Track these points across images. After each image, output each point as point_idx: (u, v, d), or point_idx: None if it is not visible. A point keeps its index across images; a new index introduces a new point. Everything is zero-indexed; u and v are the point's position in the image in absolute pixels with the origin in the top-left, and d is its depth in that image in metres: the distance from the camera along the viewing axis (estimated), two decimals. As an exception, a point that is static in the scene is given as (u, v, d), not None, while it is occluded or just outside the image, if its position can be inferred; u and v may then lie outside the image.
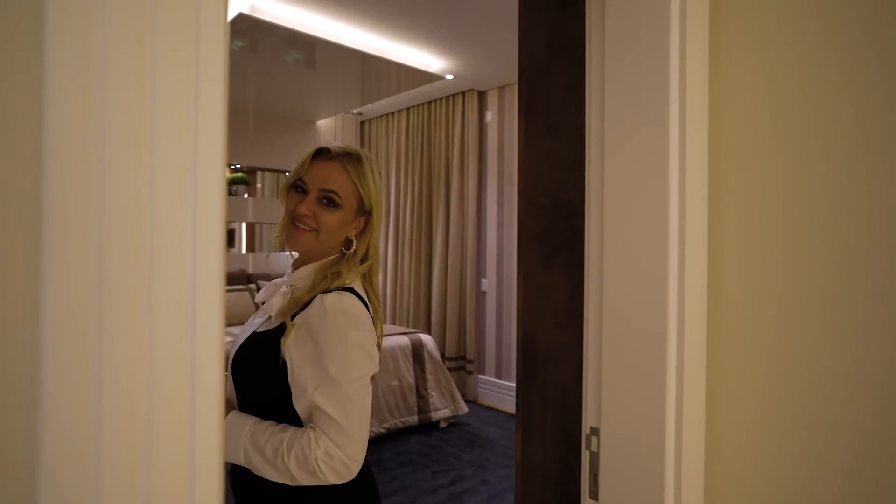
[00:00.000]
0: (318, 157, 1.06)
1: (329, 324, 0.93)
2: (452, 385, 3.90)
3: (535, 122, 1.12)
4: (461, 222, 4.56)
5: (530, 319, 1.15)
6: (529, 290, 1.16)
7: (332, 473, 0.90)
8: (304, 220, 1.01)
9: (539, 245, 1.13)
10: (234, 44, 3.53)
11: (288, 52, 3.65)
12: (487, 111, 4.43)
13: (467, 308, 4.48)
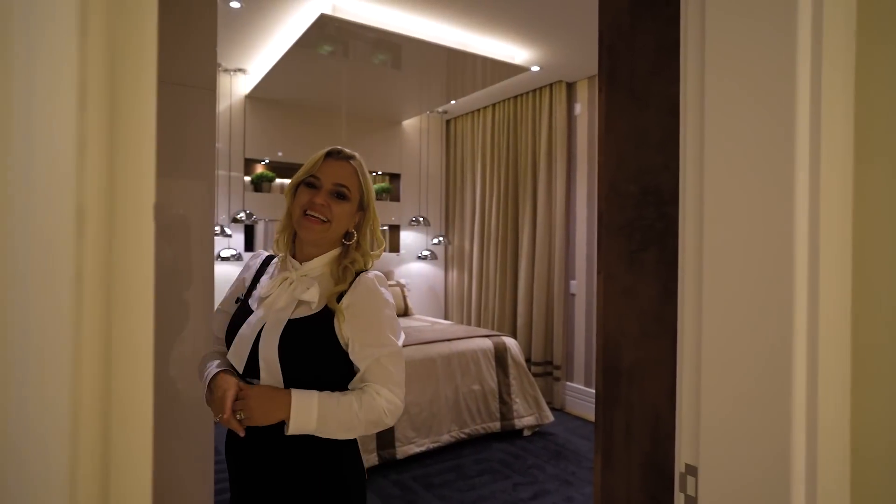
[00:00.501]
0: (330, 157, 1.18)
1: (378, 298, 1.12)
2: (537, 392, 3.71)
3: (618, 93, 0.95)
4: (548, 221, 4.35)
5: (612, 326, 0.99)
6: (612, 292, 1.00)
7: (392, 418, 1.12)
8: (319, 209, 1.10)
9: (623, 239, 0.96)
10: (322, 49, 3.61)
11: (374, 54, 3.67)
12: (576, 103, 4.19)
13: (555, 311, 4.27)
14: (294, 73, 3.86)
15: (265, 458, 1.07)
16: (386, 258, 5.26)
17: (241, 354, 1.07)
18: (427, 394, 3.25)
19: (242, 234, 4.46)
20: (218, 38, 3.47)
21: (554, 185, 4.32)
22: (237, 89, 4.34)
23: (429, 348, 3.39)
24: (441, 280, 5.62)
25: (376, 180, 5.48)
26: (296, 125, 4.68)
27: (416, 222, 5.05)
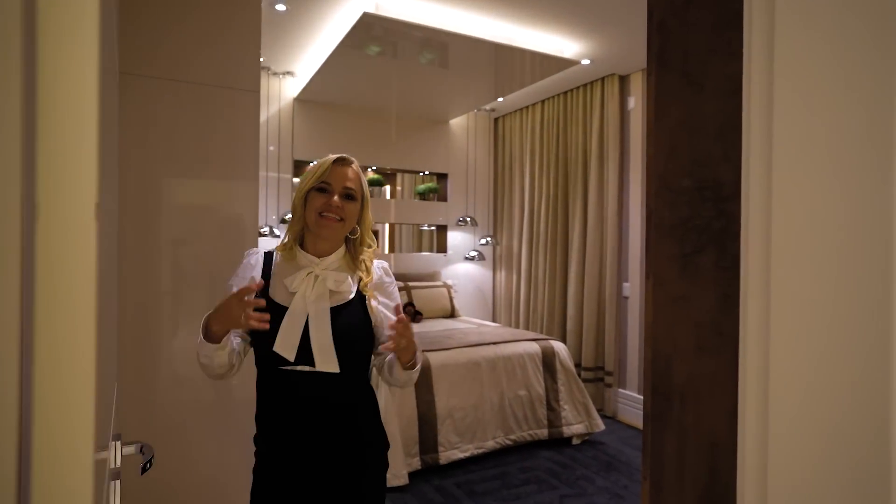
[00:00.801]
0: (337, 163, 1.29)
1: (392, 282, 1.36)
2: (587, 398, 3.56)
3: (669, 74, 0.84)
4: (600, 221, 4.18)
5: (662, 338, 0.88)
6: (661, 300, 0.89)
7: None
8: (335, 210, 1.24)
9: (674, 241, 0.85)
10: (369, 49, 3.61)
11: (421, 53, 3.63)
12: (630, 97, 4.00)
13: (606, 314, 4.09)
14: (340, 74, 3.88)
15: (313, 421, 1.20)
16: (432, 259, 5.22)
17: (291, 343, 1.17)
18: (471, 398, 3.17)
19: (292, 235, 4.54)
20: (265, 41, 3.53)
21: (606, 183, 4.14)
22: (286, 92, 4.41)
23: (473, 351, 3.31)
24: (489, 281, 5.52)
25: (423, 180, 5.46)
26: (343, 126, 4.72)
27: (464, 222, 4.98)
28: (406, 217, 5.13)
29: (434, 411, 3.03)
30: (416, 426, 2.96)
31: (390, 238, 5.59)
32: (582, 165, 4.34)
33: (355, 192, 1.27)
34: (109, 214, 0.78)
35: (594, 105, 4.19)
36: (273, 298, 1.22)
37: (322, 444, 1.20)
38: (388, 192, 5.45)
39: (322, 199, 1.24)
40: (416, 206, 5.16)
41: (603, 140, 4.16)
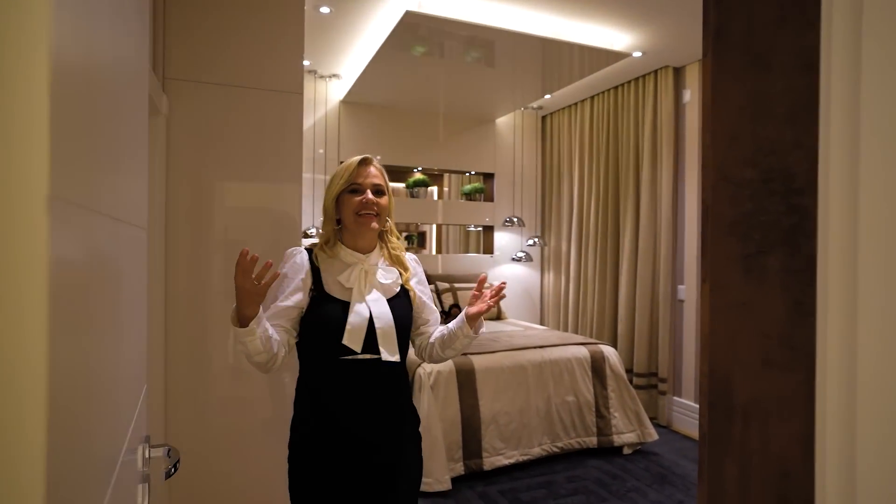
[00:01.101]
0: (361, 164, 1.37)
1: (422, 270, 1.51)
2: (639, 406, 3.40)
3: (729, 52, 0.75)
4: (653, 220, 3.99)
5: (722, 350, 0.78)
6: (721, 306, 0.79)
7: None
8: (370, 207, 1.33)
9: (736, 239, 0.75)
10: (414, 50, 3.59)
11: (466, 51, 3.58)
12: (686, 89, 3.80)
13: (660, 318, 3.90)
14: (385, 75, 3.88)
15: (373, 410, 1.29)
16: (479, 260, 5.16)
17: (359, 335, 1.26)
18: (517, 403, 3.08)
19: (338, 236, 4.58)
20: (311, 45, 3.56)
21: (659, 181, 3.95)
22: (332, 95, 4.46)
23: (519, 355, 3.22)
24: (536, 283, 5.40)
25: (470, 180, 5.40)
26: (389, 128, 4.72)
27: (511, 223, 4.88)
28: (452, 218, 5.09)
29: (478, 416, 2.96)
30: (459, 430, 2.90)
31: (437, 239, 5.56)
32: (634, 163, 4.16)
33: (383, 187, 1.38)
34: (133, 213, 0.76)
35: (647, 99, 4.01)
36: (329, 293, 1.31)
37: (373, 424, 1.29)
38: (434, 193, 5.43)
39: (356, 199, 1.33)
40: (462, 207, 5.11)
41: (656, 136, 3.97)
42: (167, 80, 2.33)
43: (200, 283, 2.39)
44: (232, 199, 2.47)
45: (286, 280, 1.31)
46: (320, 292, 1.30)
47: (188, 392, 2.45)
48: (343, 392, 1.27)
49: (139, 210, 0.88)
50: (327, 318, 1.27)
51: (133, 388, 0.80)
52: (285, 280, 1.31)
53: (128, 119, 0.78)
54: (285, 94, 2.55)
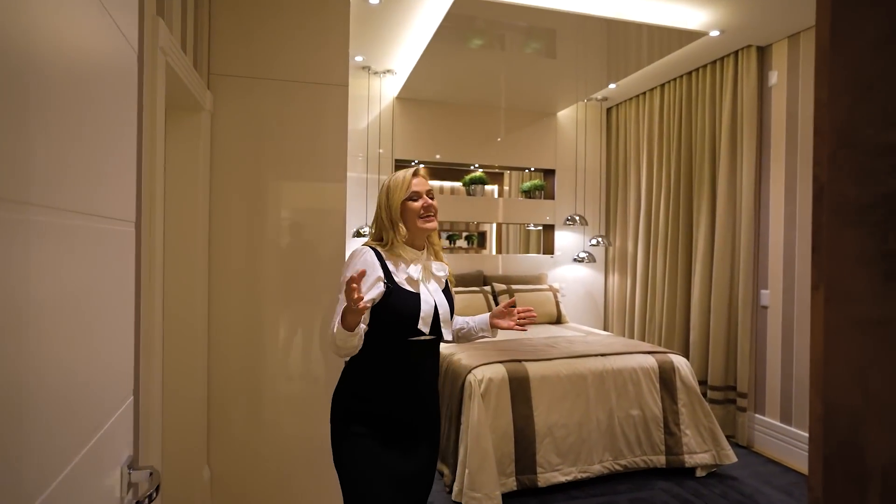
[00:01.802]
0: (415, 176, 1.58)
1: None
2: (714, 423, 3.06)
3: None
4: (732, 218, 3.61)
5: (843, 386, 0.56)
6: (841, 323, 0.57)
7: None
8: (430, 209, 1.57)
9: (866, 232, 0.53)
10: (472, 43, 3.44)
11: (526, 42, 3.39)
12: (772, 71, 3.40)
13: (739, 326, 3.52)
14: (439, 68, 3.75)
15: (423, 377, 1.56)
16: (538, 260, 4.92)
17: (429, 320, 1.51)
18: (575, 415, 2.85)
19: (392, 235, 4.50)
20: (362, 37, 3.48)
21: (739, 175, 3.57)
22: (387, 91, 4.38)
23: (578, 363, 2.98)
24: (600, 285, 5.09)
25: (530, 177, 5.17)
26: (444, 124, 4.59)
27: (572, 221, 4.62)
28: (512, 217, 4.88)
29: (532, 427, 2.75)
30: (511, 443, 2.71)
31: (497, 239, 5.37)
32: (709, 155, 3.79)
33: (433, 192, 1.61)
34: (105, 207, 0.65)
35: (725, 84, 3.63)
36: (401, 286, 1.51)
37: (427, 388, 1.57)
38: (495, 191, 5.25)
39: (417, 205, 1.55)
40: (521, 205, 4.89)
41: (736, 124, 3.59)
42: (212, 76, 2.30)
43: (248, 288, 2.35)
44: (278, 197, 2.41)
45: (366, 276, 1.44)
46: (394, 285, 1.50)
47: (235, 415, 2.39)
48: (409, 365, 1.52)
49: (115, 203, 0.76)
50: (405, 306, 1.49)
51: (99, 399, 0.69)
52: (365, 275, 1.42)
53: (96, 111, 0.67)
54: (331, 86, 2.46)
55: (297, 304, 2.44)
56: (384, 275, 1.49)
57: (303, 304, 2.44)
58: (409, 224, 1.55)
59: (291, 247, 2.44)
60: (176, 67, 1.69)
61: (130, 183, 0.84)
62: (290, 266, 2.42)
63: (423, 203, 1.54)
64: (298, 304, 2.44)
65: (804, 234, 3.18)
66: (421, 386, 1.55)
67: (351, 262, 1.50)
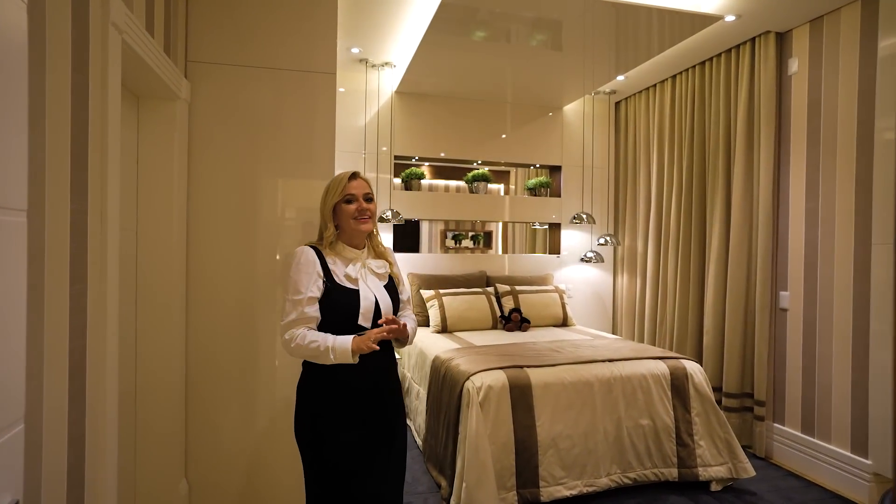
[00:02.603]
0: (353, 178, 1.66)
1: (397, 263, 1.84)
2: (731, 434, 2.87)
3: None
4: (748, 216, 3.42)
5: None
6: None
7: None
8: (366, 212, 1.65)
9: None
10: (474, 35, 3.28)
11: (531, 34, 3.22)
12: (792, 58, 3.20)
13: (756, 329, 3.32)
14: (439, 60, 3.58)
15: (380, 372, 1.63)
16: (544, 260, 4.74)
17: (369, 314, 1.59)
18: (581, 425, 2.67)
19: (391, 234, 4.34)
20: (358, 27, 3.33)
21: (755, 170, 3.37)
22: (386, 85, 4.22)
23: (584, 369, 2.80)
24: (608, 287, 4.90)
25: (537, 173, 4.99)
26: (446, 120, 4.42)
27: (579, 220, 4.43)
28: (517, 215, 4.70)
29: (535, 438, 2.58)
30: (512, 454, 2.53)
31: (503, 238, 5.20)
32: (724, 149, 3.59)
33: (371, 195, 1.68)
34: None
35: (741, 74, 3.43)
36: (340, 284, 1.59)
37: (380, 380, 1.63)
38: (500, 190, 5.07)
39: (352, 207, 1.62)
40: (526, 203, 4.71)
41: (752, 117, 3.39)
42: (190, 63, 2.15)
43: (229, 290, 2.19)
44: (262, 192, 2.26)
45: (306, 274, 1.54)
46: (332, 282, 1.58)
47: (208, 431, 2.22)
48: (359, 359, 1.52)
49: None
50: (344, 303, 1.56)
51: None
52: (304, 273, 1.54)
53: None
54: (318, 74, 2.31)
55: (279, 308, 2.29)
56: (323, 273, 1.57)
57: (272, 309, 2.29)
58: (345, 225, 1.63)
59: (276, 247, 2.29)
60: (138, 49, 1.55)
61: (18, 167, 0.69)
62: (273, 268, 2.27)
63: (357, 206, 1.61)
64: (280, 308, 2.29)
65: (827, 233, 2.97)
66: (376, 376, 1.61)
67: (293, 262, 1.57)
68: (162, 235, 1.96)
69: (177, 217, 2.01)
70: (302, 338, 1.48)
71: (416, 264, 4.37)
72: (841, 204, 2.90)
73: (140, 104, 1.92)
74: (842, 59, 2.89)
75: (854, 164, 2.83)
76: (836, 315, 2.92)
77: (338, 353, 1.45)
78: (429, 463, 2.95)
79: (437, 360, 3.09)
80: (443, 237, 4.99)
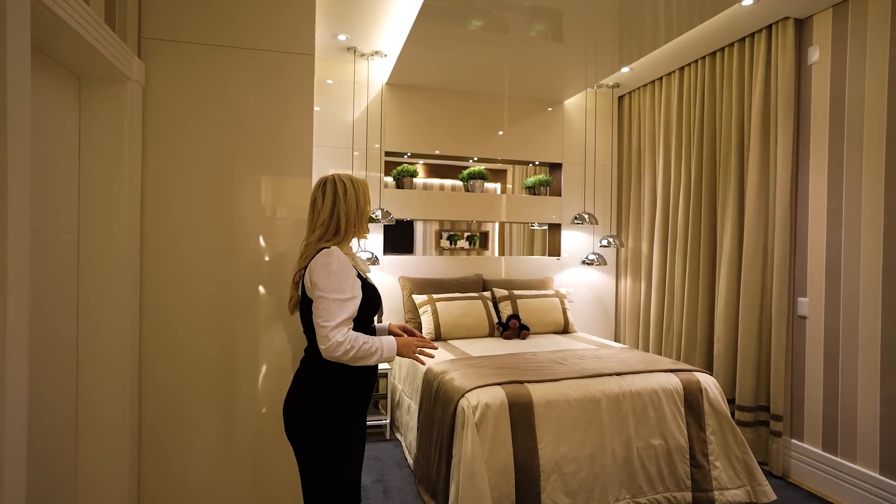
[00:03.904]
0: None
1: None
2: (749, 454, 2.63)
3: None
4: (763, 216, 3.18)
5: None
6: None
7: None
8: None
9: None
10: (470, 24, 3.03)
11: (530, 23, 2.98)
12: (812, 47, 2.97)
13: (773, 338, 3.09)
14: (433, 50, 3.33)
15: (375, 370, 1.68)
16: (544, 263, 4.49)
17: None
18: (587, 446, 2.43)
19: (381, 235, 4.07)
20: (345, 13, 3.06)
21: (772, 166, 3.14)
22: (376, 77, 3.97)
23: (590, 384, 2.56)
24: (611, 291, 4.66)
25: (534, 171, 4.75)
26: (440, 114, 4.17)
27: (581, 220, 4.19)
28: (514, 215, 4.45)
29: (537, 462, 2.33)
30: (512, 480, 2.29)
31: (500, 239, 4.95)
32: (736, 145, 3.36)
33: None
34: None
35: (756, 64, 3.20)
36: (367, 280, 1.61)
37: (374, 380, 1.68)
38: (497, 189, 4.82)
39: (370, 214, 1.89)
40: (525, 202, 4.46)
41: (768, 110, 3.16)
42: (144, 40, 1.88)
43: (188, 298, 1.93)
44: (227, 187, 2.00)
45: (346, 273, 1.50)
46: (362, 279, 1.59)
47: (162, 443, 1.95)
48: None
49: None
50: (374, 298, 1.61)
51: None
52: (345, 273, 1.50)
53: None
54: (294, 55, 2.05)
55: (248, 318, 2.03)
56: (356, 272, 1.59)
57: (251, 318, 2.03)
58: (363, 228, 1.68)
59: (251, 247, 2.03)
60: (68, 19, 1.29)
61: None
62: (249, 270, 2.02)
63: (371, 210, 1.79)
64: (248, 318, 2.03)
65: (852, 234, 2.74)
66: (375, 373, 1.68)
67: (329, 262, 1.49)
68: (109, 238, 1.70)
69: (128, 217, 1.74)
70: (355, 339, 1.46)
71: (409, 267, 4.12)
72: (868, 203, 2.67)
73: (82, 86, 1.66)
74: (869, 47, 2.66)
75: (883, 160, 2.60)
76: (863, 324, 2.68)
77: (385, 353, 1.53)
78: (420, 486, 2.69)
79: (430, 373, 2.83)
80: (437, 238, 4.74)
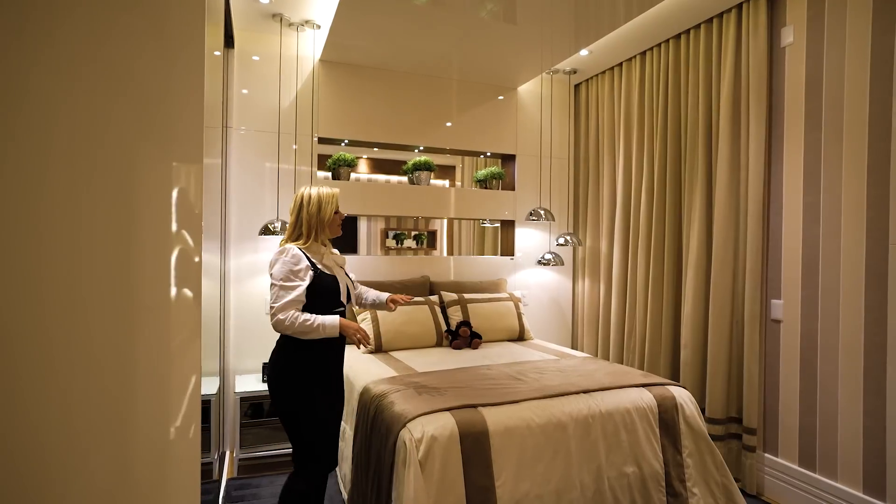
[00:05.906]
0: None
1: None
2: (729, 478, 2.35)
3: None
4: (734, 212, 2.93)
5: None
6: None
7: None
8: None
9: None
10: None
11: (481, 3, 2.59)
12: (786, 27, 2.73)
13: (745, 344, 2.84)
14: (370, 19, 2.89)
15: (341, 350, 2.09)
16: (496, 263, 4.13)
17: (345, 294, 2.08)
18: (552, 481, 2.06)
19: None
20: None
21: (742, 158, 2.89)
22: (307, 51, 3.48)
23: (555, 405, 2.19)
24: (568, 292, 4.35)
25: (485, 163, 4.38)
26: (381, 96, 3.72)
27: (537, 216, 3.85)
28: (464, 211, 4.05)
29: (493, 502, 1.94)
30: (464, 528, 1.88)
31: (448, 237, 4.54)
32: (704, 135, 3.10)
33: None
34: None
35: (726, 47, 2.95)
36: (323, 272, 1.99)
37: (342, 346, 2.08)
38: (446, 184, 4.42)
39: (338, 217, 2.08)
40: (475, 197, 4.06)
41: (738, 96, 2.91)
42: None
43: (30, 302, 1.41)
44: (87, 168, 1.50)
45: (295, 265, 1.91)
46: (317, 271, 1.96)
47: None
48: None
49: None
50: (331, 287, 2.00)
51: None
52: (294, 265, 1.91)
53: None
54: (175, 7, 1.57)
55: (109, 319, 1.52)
56: (310, 265, 1.95)
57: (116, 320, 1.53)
58: (332, 229, 2.07)
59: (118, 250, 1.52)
60: None
61: None
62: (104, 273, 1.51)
63: (340, 217, 2.09)
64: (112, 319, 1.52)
65: (831, 231, 2.51)
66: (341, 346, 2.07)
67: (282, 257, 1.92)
68: None
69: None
70: (295, 317, 1.85)
71: (351, 267, 3.65)
72: (848, 196, 2.44)
73: None
74: (849, 28, 2.43)
75: (865, 149, 2.38)
76: (843, 328, 2.46)
77: (327, 329, 1.89)
78: (355, 532, 2.25)
79: (367, 394, 2.39)
80: (383, 237, 4.29)
